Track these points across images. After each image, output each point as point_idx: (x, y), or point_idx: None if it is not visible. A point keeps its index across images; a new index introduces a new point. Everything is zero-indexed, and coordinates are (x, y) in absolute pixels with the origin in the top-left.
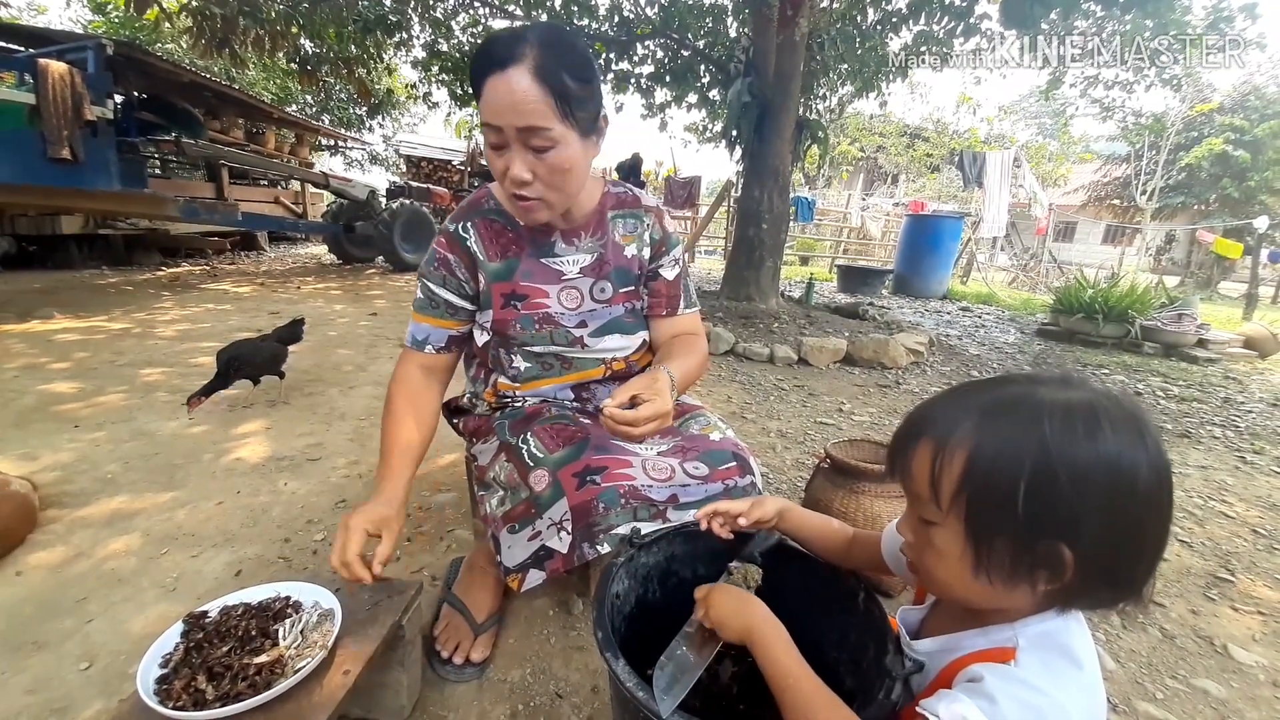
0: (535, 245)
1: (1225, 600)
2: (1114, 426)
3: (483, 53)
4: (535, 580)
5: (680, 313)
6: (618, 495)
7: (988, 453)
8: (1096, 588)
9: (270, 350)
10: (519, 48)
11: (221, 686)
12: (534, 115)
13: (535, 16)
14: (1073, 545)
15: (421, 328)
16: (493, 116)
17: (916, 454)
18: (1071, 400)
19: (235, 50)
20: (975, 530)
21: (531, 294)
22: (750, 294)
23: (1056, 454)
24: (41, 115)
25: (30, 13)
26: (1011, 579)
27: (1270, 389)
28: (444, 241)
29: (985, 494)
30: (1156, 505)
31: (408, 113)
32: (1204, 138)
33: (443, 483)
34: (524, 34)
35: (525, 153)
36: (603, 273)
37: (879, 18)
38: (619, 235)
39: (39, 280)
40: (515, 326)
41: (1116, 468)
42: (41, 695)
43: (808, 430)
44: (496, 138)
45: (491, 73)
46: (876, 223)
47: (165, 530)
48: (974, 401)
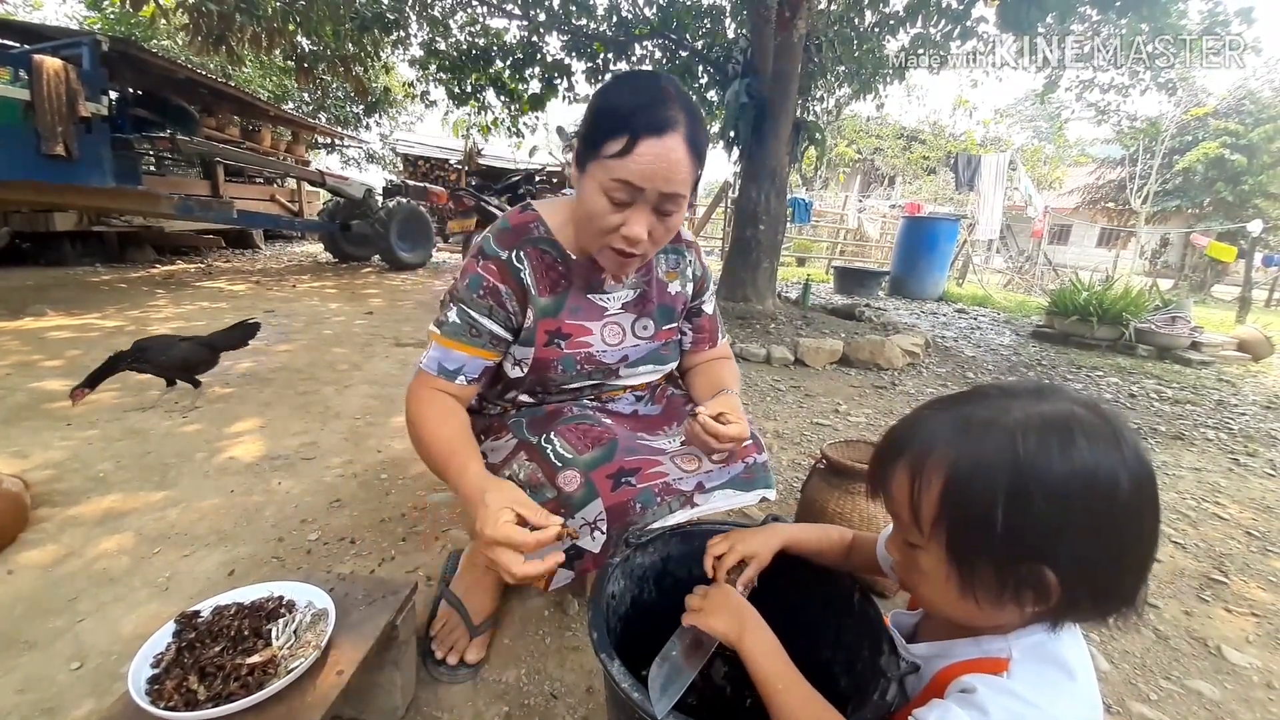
0: (586, 281)
1: (1219, 602)
2: (1089, 438)
3: (637, 112)
4: (564, 579)
5: (719, 342)
6: (653, 495)
7: (963, 476)
8: (1084, 605)
9: (183, 352)
10: (673, 113)
11: (214, 687)
12: (682, 184)
13: (533, 16)
14: (1055, 566)
15: (454, 356)
16: (641, 179)
17: (895, 478)
18: (1045, 414)
19: (232, 47)
20: (957, 554)
21: (576, 332)
22: (747, 295)
23: (1030, 474)
24: (36, 111)
25: (25, 8)
26: (998, 601)
27: (1263, 392)
28: (495, 269)
29: (964, 518)
30: (1139, 516)
31: (405, 111)
32: (1199, 141)
33: (438, 482)
34: (670, 95)
35: (650, 214)
36: (646, 309)
37: (876, 20)
38: (663, 272)
39: (32, 277)
40: (557, 368)
41: (1093, 482)
42: (32, 695)
43: (804, 431)
44: (628, 196)
45: (648, 135)
46: (873, 224)
47: (157, 529)
48: (948, 421)
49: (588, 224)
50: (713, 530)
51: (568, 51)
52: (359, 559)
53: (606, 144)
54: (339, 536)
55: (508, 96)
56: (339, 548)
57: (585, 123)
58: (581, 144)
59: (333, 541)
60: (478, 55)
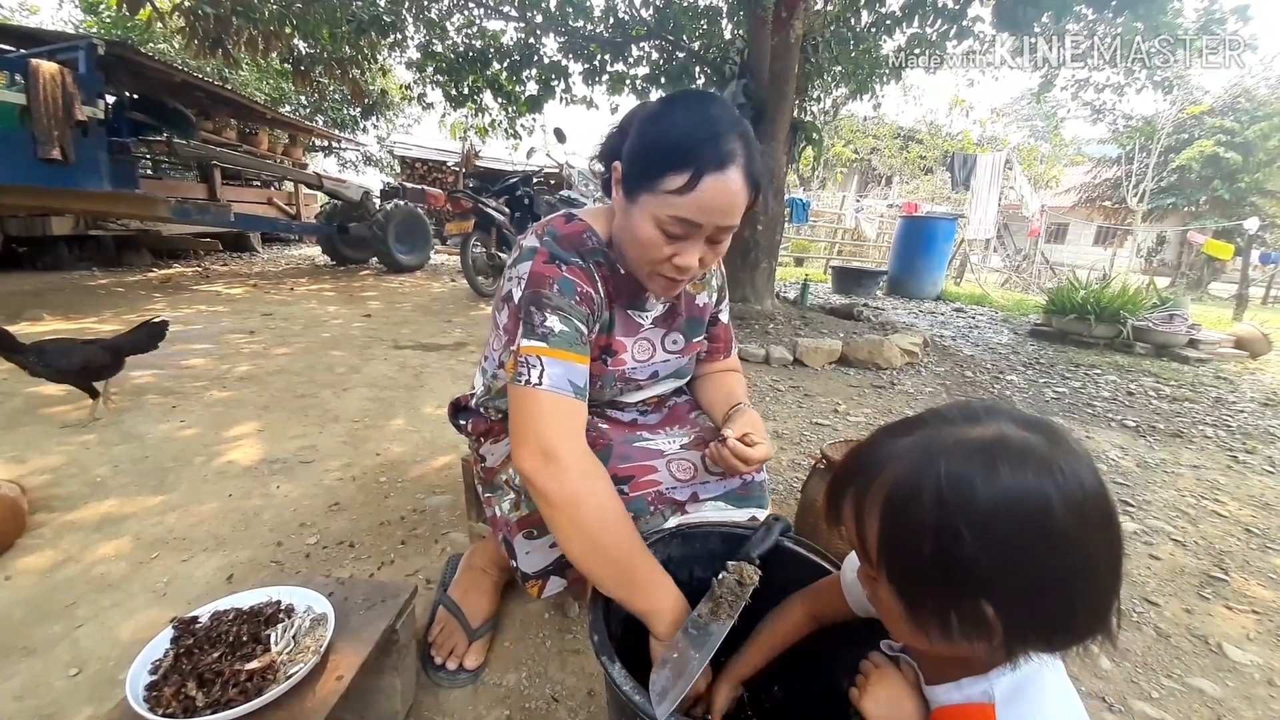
0: (631, 297)
1: (1219, 599)
2: (1015, 463)
3: (699, 147)
4: (556, 587)
5: (732, 353)
6: (646, 504)
7: (897, 511)
8: (1033, 640)
9: (83, 356)
10: (732, 144)
11: (212, 693)
12: (738, 215)
13: (530, 18)
14: (992, 600)
15: (577, 370)
16: (701, 215)
17: (844, 512)
18: (971, 440)
19: (228, 50)
20: (900, 590)
21: (619, 349)
22: (746, 295)
23: (953, 505)
24: (32, 115)
25: (22, 13)
26: (950, 639)
27: (1261, 389)
28: (582, 274)
29: (900, 553)
30: (1079, 542)
31: (402, 113)
32: (1195, 140)
33: (437, 485)
34: (731, 125)
35: (704, 245)
36: (674, 324)
37: (873, 20)
38: (690, 284)
39: (28, 281)
40: (598, 384)
41: (1019, 510)
42: (30, 701)
43: (803, 431)
44: (685, 230)
45: (711, 171)
46: (871, 224)
47: (155, 534)
48: (887, 452)
49: (638, 252)
50: (713, 532)
51: (565, 53)
52: (358, 563)
53: (666, 179)
54: (338, 540)
55: (505, 98)
56: (338, 552)
57: (639, 150)
58: (633, 172)
59: (332, 545)
60: (475, 57)
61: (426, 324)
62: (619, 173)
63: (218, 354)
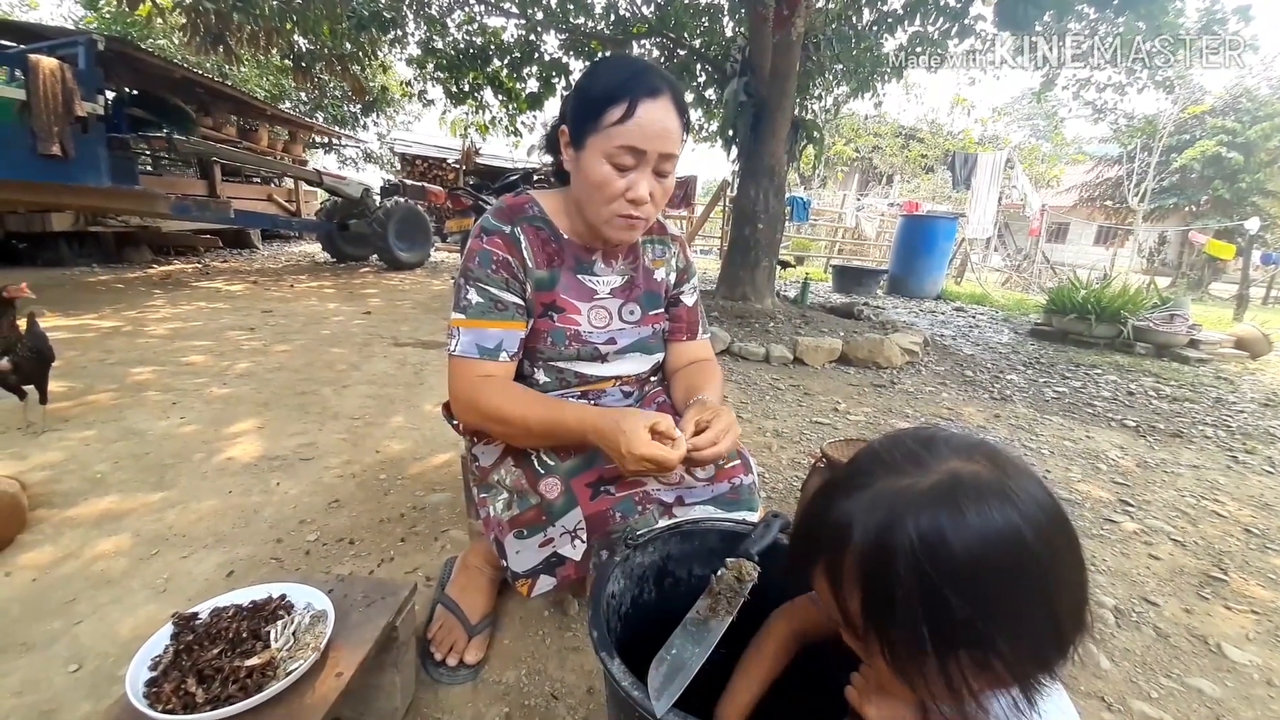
0: (577, 261)
1: (1218, 599)
2: (975, 504)
3: (629, 81)
4: (546, 586)
5: (698, 338)
6: (633, 504)
7: (876, 584)
8: (1032, 668)
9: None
10: (659, 81)
11: (212, 689)
12: (676, 144)
13: (531, 15)
14: (991, 647)
15: (490, 334)
16: (642, 140)
17: (818, 583)
18: (927, 490)
19: (229, 46)
20: (898, 663)
21: (567, 308)
22: (746, 293)
23: (936, 569)
24: (31, 111)
25: (22, 8)
26: (957, 695)
27: (1262, 389)
28: (500, 243)
29: (892, 626)
30: (1054, 562)
31: (402, 110)
32: (1196, 140)
33: (437, 483)
34: (651, 67)
35: (651, 176)
36: (632, 295)
37: (875, 18)
38: (649, 260)
39: (28, 277)
40: (547, 340)
41: (996, 553)
42: (29, 697)
43: (803, 429)
44: (632, 160)
45: (644, 98)
46: (871, 223)
47: (155, 531)
48: (845, 517)
49: (594, 194)
50: (712, 530)
51: (565, 50)
52: (358, 560)
53: (606, 113)
54: (338, 537)
55: (505, 95)
56: (338, 548)
57: (577, 102)
58: (576, 122)
59: (331, 542)
60: (475, 54)
61: (426, 321)
62: (566, 136)
63: (218, 351)
